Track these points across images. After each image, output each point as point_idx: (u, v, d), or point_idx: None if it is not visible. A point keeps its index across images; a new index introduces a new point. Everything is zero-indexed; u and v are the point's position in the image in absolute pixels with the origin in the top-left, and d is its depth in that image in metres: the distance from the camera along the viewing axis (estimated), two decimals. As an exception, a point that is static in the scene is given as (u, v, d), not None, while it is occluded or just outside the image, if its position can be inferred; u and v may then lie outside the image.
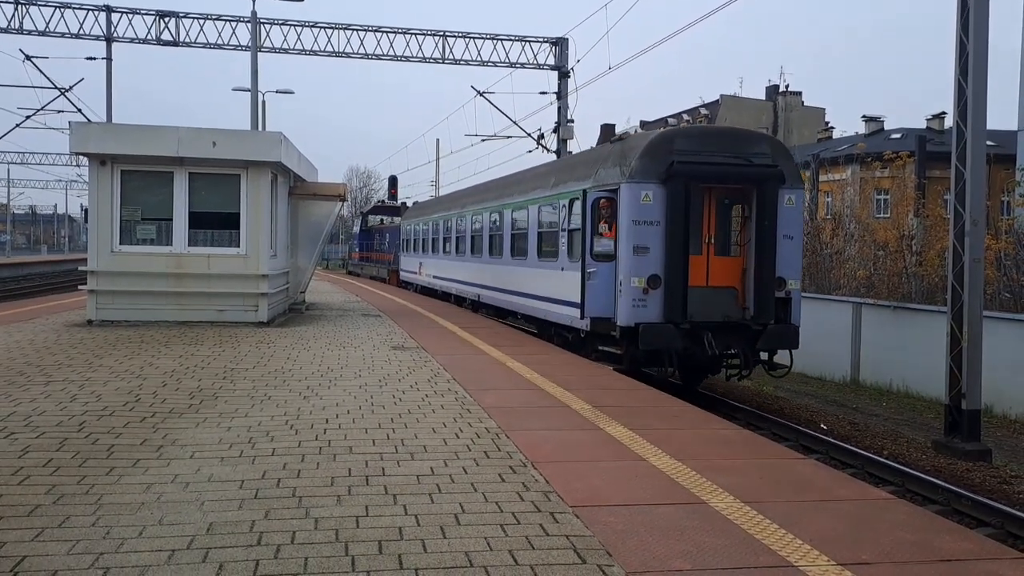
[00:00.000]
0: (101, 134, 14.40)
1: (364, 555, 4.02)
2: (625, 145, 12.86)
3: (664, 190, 11.86)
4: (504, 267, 17.86)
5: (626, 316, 11.98)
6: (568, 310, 13.58)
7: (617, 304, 12.15)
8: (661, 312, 11.89)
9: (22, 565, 3.81)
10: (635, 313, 11.92)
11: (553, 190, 14.82)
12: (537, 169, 18.25)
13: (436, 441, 6.37)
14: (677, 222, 11.82)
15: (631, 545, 4.22)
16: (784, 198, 12.43)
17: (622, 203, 12.05)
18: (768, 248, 12.18)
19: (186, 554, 3.97)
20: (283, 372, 9.52)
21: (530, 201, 16.19)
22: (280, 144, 14.65)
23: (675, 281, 11.82)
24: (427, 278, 27.49)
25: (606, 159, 12.91)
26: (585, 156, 14.85)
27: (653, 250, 11.89)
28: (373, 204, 48.58)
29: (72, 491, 4.94)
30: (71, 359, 10.16)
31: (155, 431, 6.51)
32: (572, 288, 13.35)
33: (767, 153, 12.48)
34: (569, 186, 13.99)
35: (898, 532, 4.53)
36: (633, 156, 12.09)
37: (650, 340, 11.78)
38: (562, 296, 13.89)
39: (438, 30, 30.16)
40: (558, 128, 30.03)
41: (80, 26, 28.46)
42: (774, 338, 12.32)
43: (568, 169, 14.86)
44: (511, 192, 17.96)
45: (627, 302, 11.95)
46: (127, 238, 14.39)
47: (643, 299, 11.90)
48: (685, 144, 12.19)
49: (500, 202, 18.53)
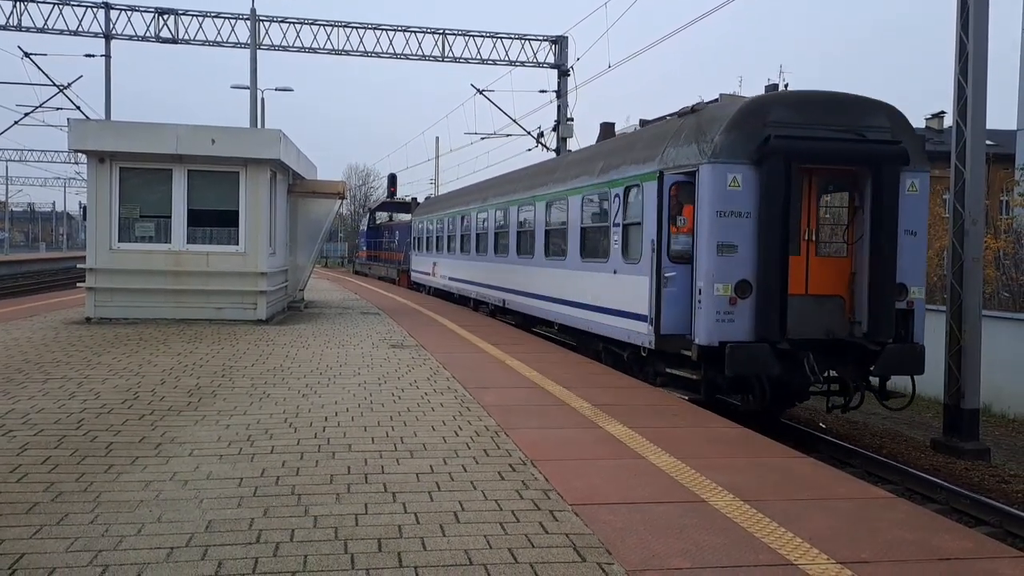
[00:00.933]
0: (100, 131, 14.38)
1: (363, 553, 4.01)
2: (702, 117, 10.29)
3: (756, 172, 9.47)
4: (536, 269, 15.58)
5: (707, 333, 9.53)
6: (622, 322, 11.35)
7: (695, 317, 9.70)
8: (752, 328, 9.52)
9: (20, 562, 3.80)
10: (719, 329, 9.48)
11: (601, 177, 12.47)
12: (578, 154, 15.75)
13: (435, 439, 6.37)
14: (774, 213, 9.40)
15: (631, 543, 4.22)
16: (906, 184, 9.99)
17: (702, 189, 9.64)
18: (886, 247, 9.72)
19: (185, 552, 3.96)
20: (282, 370, 9.51)
21: (571, 191, 13.77)
22: (279, 142, 14.63)
23: (771, 288, 9.42)
24: (442, 280, 25.37)
25: (676, 135, 10.48)
26: (644, 134, 12.16)
27: (742, 249, 9.51)
28: (381, 200, 45.68)
29: (70, 489, 4.93)
30: (69, 357, 10.15)
31: (154, 429, 6.50)
32: (627, 295, 11.17)
33: (885, 126, 9.96)
34: (624, 171, 11.64)
35: (897, 531, 4.53)
36: (716, 130, 9.66)
37: (739, 364, 9.35)
38: (614, 305, 11.68)
39: (438, 28, 30.15)
40: (558, 126, 30.02)
41: (79, 23, 28.43)
42: (894, 361, 9.87)
43: (622, 151, 12.29)
44: (545, 182, 15.56)
45: (708, 315, 9.50)
46: (126, 235, 14.37)
47: (729, 311, 9.50)
48: (783, 114, 9.70)
49: (530, 194, 16.20)
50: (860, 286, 9.94)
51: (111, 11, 28.56)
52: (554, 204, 14.73)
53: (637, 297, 10.80)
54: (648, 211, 10.62)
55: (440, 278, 25.59)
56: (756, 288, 9.53)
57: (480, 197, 20.96)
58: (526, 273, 16.31)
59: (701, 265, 9.68)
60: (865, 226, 9.91)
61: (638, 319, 10.78)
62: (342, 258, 77.71)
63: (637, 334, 10.83)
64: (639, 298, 10.73)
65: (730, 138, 9.55)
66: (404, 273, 33.31)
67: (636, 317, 10.87)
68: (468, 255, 21.71)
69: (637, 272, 10.89)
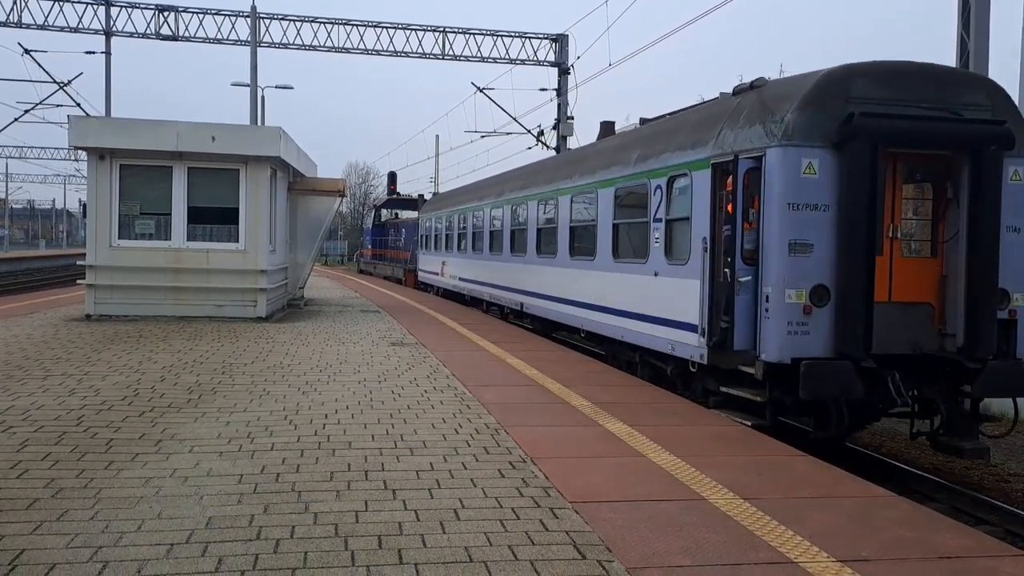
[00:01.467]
0: (100, 128, 14.38)
1: (364, 550, 4.01)
2: (767, 92, 8.81)
3: (836, 157, 8.07)
4: (560, 270, 14.06)
5: (776, 347, 8.01)
6: (665, 331, 9.91)
7: (761, 328, 8.18)
8: (830, 341, 8.06)
9: (21, 558, 3.80)
10: (791, 343, 8.00)
11: (639, 166, 11.03)
12: (607, 143, 14.08)
13: (435, 437, 6.37)
14: (857, 205, 7.96)
15: (631, 541, 4.22)
16: (1009, 172, 8.59)
17: (771, 177, 8.17)
18: (986, 246, 8.27)
19: (185, 548, 3.96)
20: (282, 367, 9.51)
21: (601, 183, 12.31)
22: (279, 139, 14.62)
23: (853, 295, 7.96)
24: (451, 280, 23.74)
25: (735, 115, 9.02)
26: (690, 116, 10.60)
27: (819, 248, 8.10)
28: (386, 197, 43.75)
29: (71, 485, 4.93)
30: (69, 353, 10.15)
31: (154, 426, 6.50)
32: (672, 301, 9.77)
33: (985, 104, 8.49)
34: (667, 158, 10.20)
35: (898, 529, 4.53)
36: (787, 107, 8.24)
37: (817, 385, 7.88)
38: (654, 311, 10.26)
39: (438, 26, 30.15)
40: (558, 125, 30.01)
41: (79, 20, 28.42)
42: (998, 381, 8.36)
43: (663, 136, 10.79)
44: (569, 174, 14.02)
45: (778, 326, 8.02)
46: (126, 233, 14.37)
47: (803, 322, 8.05)
48: (867, 88, 8.23)
49: (553, 187, 14.67)
50: (953, 292, 8.45)
51: (111, 8, 28.55)
52: (581, 198, 13.25)
53: (684, 303, 9.38)
54: (699, 204, 9.28)
55: (449, 278, 24.05)
56: (835, 294, 8.06)
57: (494, 192, 19.41)
58: (548, 274, 14.78)
59: (769, 267, 8.16)
60: (960, 221, 8.42)
61: (685, 329, 9.37)
62: (342, 256, 77.73)
63: (684, 346, 9.41)
64: (687, 305, 9.32)
65: (805, 116, 8.13)
66: (411, 273, 31.87)
67: (683, 326, 9.43)
68: (481, 254, 20.09)
69: (684, 275, 9.47)
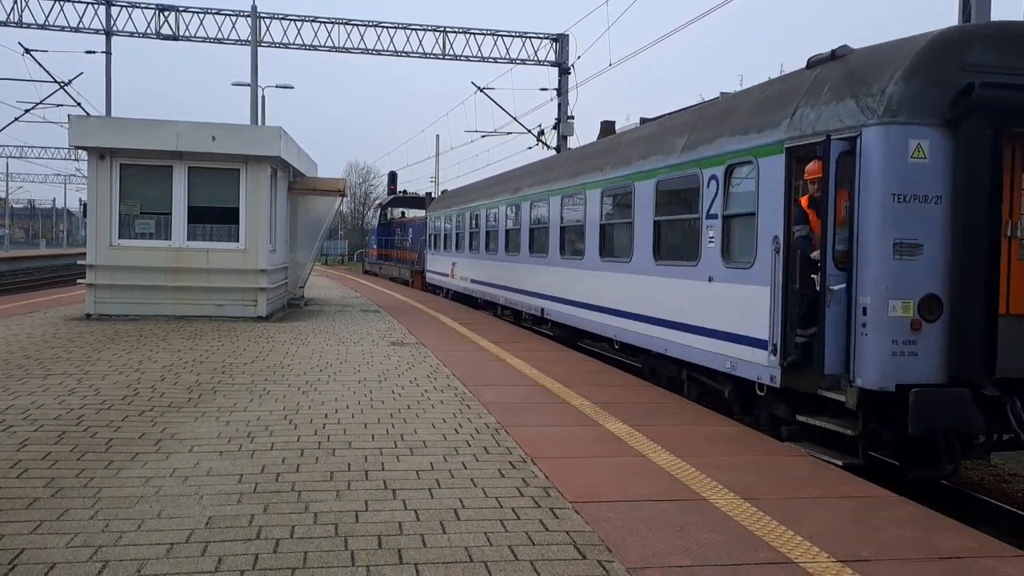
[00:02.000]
0: (100, 128, 14.38)
1: (364, 550, 4.01)
2: (857, 61, 7.36)
3: (950, 138, 6.67)
4: (588, 273, 12.62)
5: (877, 370, 6.58)
6: (723, 346, 8.52)
7: (856, 347, 6.74)
8: (944, 364, 6.66)
9: (21, 558, 3.80)
10: (895, 366, 6.57)
11: (686, 155, 9.60)
12: (643, 130, 12.26)
13: (435, 436, 6.36)
14: (977, 196, 6.58)
15: (631, 541, 4.22)
16: None
17: (869, 162, 6.76)
18: None
19: (185, 547, 3.96)
20: (282, 367, 9.50)
21: (637, 176, 10.86)
22: (279, 139, 14.62)
23: (972, 306, 6.57)
24: (462, 282, 22.28)
25: (815, 89, 7.61)
26: (752, 94, 9.16)
27: (929, 249, 6.69)
28: (393, 195, 42.21)
29: (71, 484, 4.93)
30: (69, 353, 10.14)
31: (154, 425, 6.50)
32: (730, 311, 8.44)
33: None
34: (723, 144, 8.83)
35: (898, 529, 4.53)
36: (888, 77, 6.77)
37: (931, 417, 6.46)
38: (708, 322, 8.88)
39: (438, 26, 30.15)
40: (558, 124, 30.01)
41: (80, 19, 28.42)
42: None
43: (717, 119, 9.36)
44: (599, 166, 12.53)
45: (879, 345, 6.59)
46: (126, 232, 14.38)
47: (910, 340, 6.66)
48: (986, 54, 6.75)
49: (578, 181, 13.25)
50: None
51: (112, 7, 28.54)
52: (613, 193, 11.94)
53: (748, 314, 8.06)
54: (768, 197, 7.86)
55: (460, 280, 22.56)
56: (949, 306, 6.66)
57: (511, 187, 17.93)
58: (574, 277, 13.28)
59: (867, 273, 6.74)
60: None
61: (749, 344, 8.02)
62: (343, 256, 77.71)
63: (748, 365, 8.04)
64: (752, 316, 7.98)
65: (912, 88, 6.69)
66: (418, 274, 30.20)
67: (746, 341, 8.09)
68: (495, 255, 18.69)
69: (748, 280, 8.14)
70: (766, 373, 7.74)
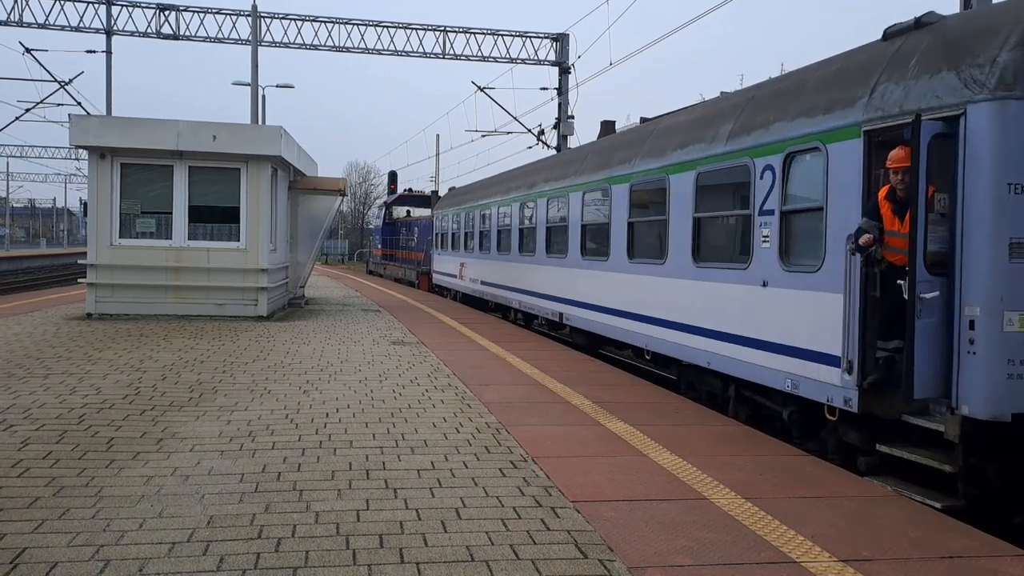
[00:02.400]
0: (101, 127, 14.38)
1: (365, 549, 4.01)
2: (951, 28, 6.37)
3: None
4: (613, 276, 11.55)
5: (988, 396, 5.61)
6: (782, 362, 7.50)
7: (960, 368, 5.75)
8: None
9: (22, 556, 3.80)
10: (1011, 391, 5.60)
11: (733, 143, 8.56)
12: (675, 118, 10.98)
13: (436, 436, 6.36)
14: None
15: (632, 540, 4.21)
16: None
17: (977, 145, 5.73)
18: None
19: (186, 547, 3.96)
20: (283, 366, 9.50)
21: (674, 168, 9.76)
22: (280, 138, 14.62)
23: None
24: (472, 284, 21.12)
25: (898, 62, 6.58)
26: (817, 70, 7.96)
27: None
28: (398, 193, 40.79)
29: (72, 483, 4.93)
30: (70, 352, 10.14)
31: (155, 424, 6.50)
32: (791, 320, 7.42)
33: None
34: (781, 128, 7.76)
35: (900, 528, 4.52)
36: (997, 44, 5.78)
37: None
38: (762, 333, 7.86)
39: (439, 25, 30.12)
40: (558, 124, 30.00)
41: (80, 19, 28.39)
42: None
43: (772, 100, 8.34)
44: (626, 158, 11.46)
45: (991, 365, 5.62)
46: (127, 232, 14.39)
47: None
48: None
49: (603, 174, 12.14)
50: None
51: (112, 7, 28.52)
52: (644, 187, 10.77)
53: (815, 325, 7.06)
54: (840, 189, 6.85)
55: (469, 282, 21.35)
56: None
57: (525, 183, 16.82)
58: (597, 280, 12.21)
59: (975, 279, 5.73)
60: None
61: (817, 360, 7.00)
62: (343, 255, 77.72)
63: (814, 384, 7.02)
64: (819, 327, 6.98)
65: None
66: (425, 275, 29.14)
67: (812, 356, 7.07)
68: (507, 255, 17.61)
69: (814, 286, 7.11)
70: (839, 394, 6.68)
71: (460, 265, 22.38)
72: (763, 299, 7.90)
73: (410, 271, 32.59)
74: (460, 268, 22.39)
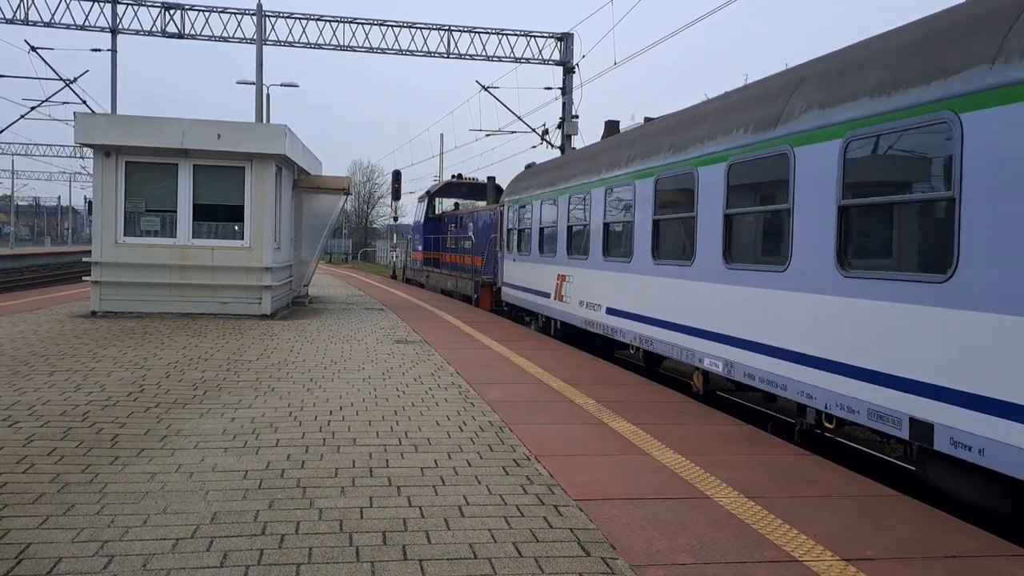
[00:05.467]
0: (106, 125, 14.41)
1: (368, 546, 4.01)
2: None
3: None
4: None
5: None
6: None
7: None
8: None
9: (27, 552, 3.81)
10: None
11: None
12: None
13: (440, 434, 6.37)
14: None
15: (635, 539, 4.22)
16: None
17: None
18: None
19: (190, 543, 3.97)
20: (287, 364, 9.52)
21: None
22: (284, 137, 14.65)
23: None
24: (581, 309, 12.89)
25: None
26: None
27: None
28: (445, 181, 33.03)
29: (76, 480, 4.94)
30: (75, 350, 10.17)
31: (159, 421, 6.51)
32: None
33: None
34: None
35: (903, 528, 4.52)
36: None
37: None
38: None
39: (443, 24, 30.13)
40: (563, 124, 29.99)
41: (85, 17, 28.45)
42: None
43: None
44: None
45: None
46: (131, 230, 14.43)
47: None
48: None
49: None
50: None
51: (118, 5, 28.57)
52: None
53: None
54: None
55: (576, 305, 13.19)
56: None
57: (690, 138, 9.28)
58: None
59: None
60: None
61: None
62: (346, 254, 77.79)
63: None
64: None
65: None
66: (486, 287, 20.98)
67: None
68: (682, 263, 9.28)
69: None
70: None
71: (557, 279, 14.34)
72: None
73: (465, 281, 23.69)
74: (558, 284, 14.33)
